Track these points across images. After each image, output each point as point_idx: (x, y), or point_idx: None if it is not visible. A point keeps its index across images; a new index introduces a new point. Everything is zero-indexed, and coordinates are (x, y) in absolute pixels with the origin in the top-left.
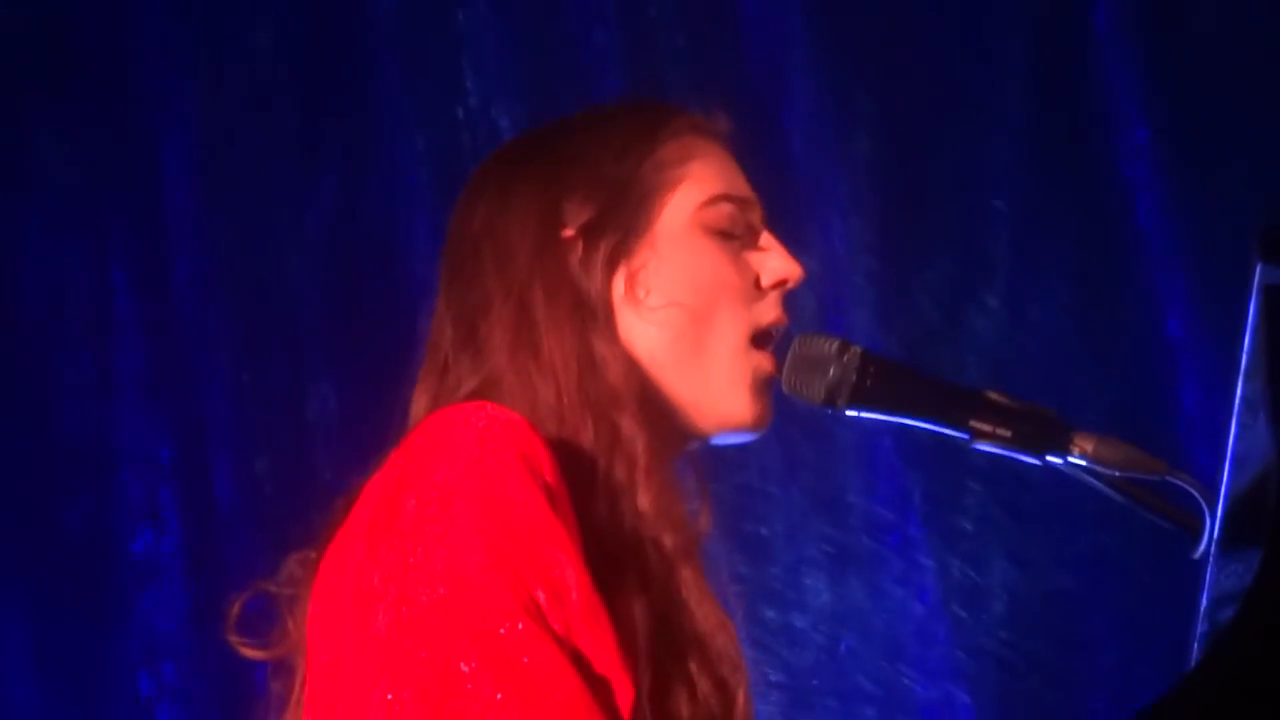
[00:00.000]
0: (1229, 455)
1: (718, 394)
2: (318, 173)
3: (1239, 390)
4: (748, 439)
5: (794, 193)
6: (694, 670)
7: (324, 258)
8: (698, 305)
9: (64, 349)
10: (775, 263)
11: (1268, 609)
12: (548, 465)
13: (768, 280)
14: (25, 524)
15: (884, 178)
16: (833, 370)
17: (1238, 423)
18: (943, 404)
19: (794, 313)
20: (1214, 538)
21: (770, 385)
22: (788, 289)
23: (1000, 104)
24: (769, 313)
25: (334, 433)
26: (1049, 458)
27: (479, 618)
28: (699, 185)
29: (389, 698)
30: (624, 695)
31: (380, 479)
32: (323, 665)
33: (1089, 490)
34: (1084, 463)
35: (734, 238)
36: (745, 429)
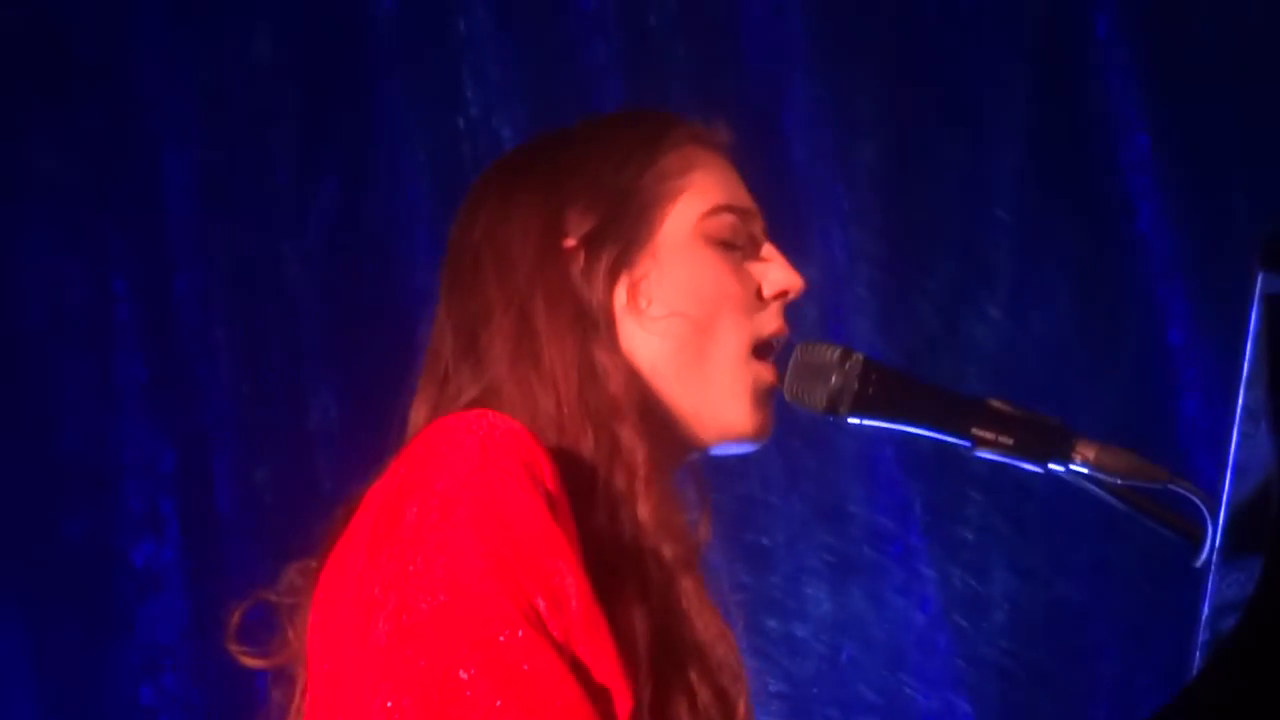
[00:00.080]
0: (1230, 463)
1: (719, 404)
2: (318, 182)
3: (1240, 398)
4: (749, 449)
5: (795, 201)
6: (694, 680)
7: (325, 267)
8: (699, 315)
9: (65, 358)
10: (777, 274)
11: (1270, 618)
12: (549, 474)
13: (769, 291)
14: (26, 534)
15: (885, 186)
16: (835, 378)
17: (1239, 431)
18: (944, 412)
19: (796, 321)
20: (1216, 546)
21: (771, 396)
22: (789, 300)
23: (1001, 113)
24: (770, 323)
25: (335, 442)
26: (1051, 466)
27: (479, 625)
28: (701, 196)
29: (389, 705)
30: (623, 705)
31: (381, 487)
32: (323, 674)
33: (1090, 499)
34: (1086, 471)
35: (736, 248)
36: (746, 439)
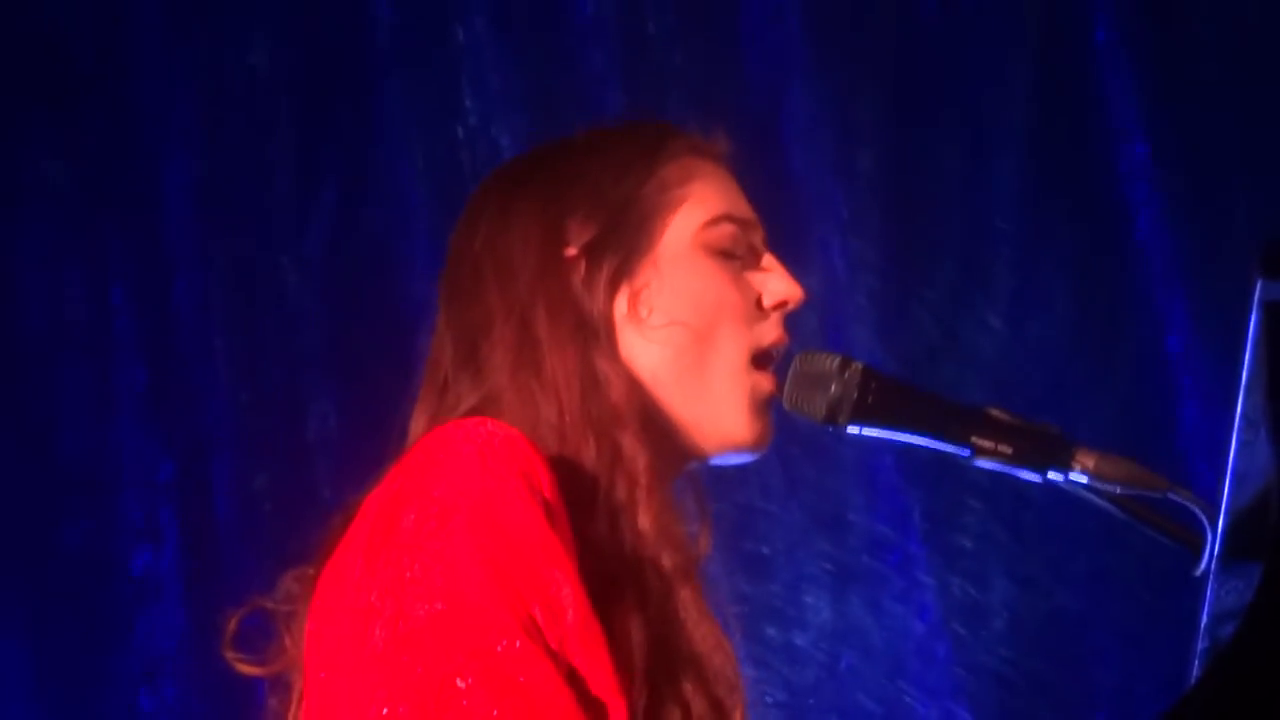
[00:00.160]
0: (1229, 471)
1: (719, 413)
2: (317, 191)
3: (1239, 406)
4: (748, 459)
5: (795, 210)
6: (689, 691)
7: (324, 276)
8: (699, 325)
9: (64, 366)
10: (777, 284)
11: (1269, 626)
12: (547, 482)
13: (769, 301)
14: (25, 542)
15: (884, 195)
16: (834, 387)
17: (1238, 439)
18: (944, 420)
19: (795, 330)
20: (1215, 554)
21: (771, 405)
22: (789, 310)
23: (1000, 121)
24: (770, 333)
25: (334, 451)
26: (1050, 474)
27: (476, 634)
28: (701, 206)
29: (385, 712)
30: (618, 715)
31: (378, 494)
32: (320, 681)
33: (1089, 507)
34: (1085, 479)
35: (735, 258)
36: (746, 449)
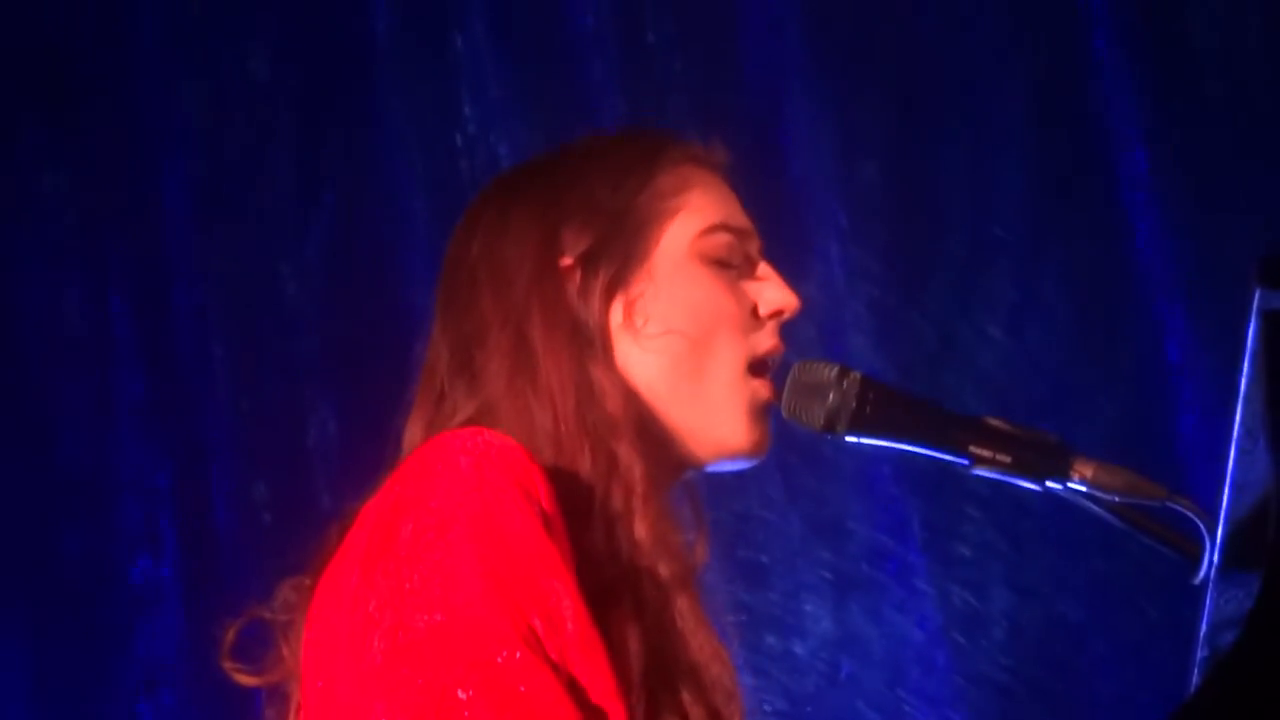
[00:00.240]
0: (1228, 480)
1: (715, 421)
2: (316, 199)
3: (1238, 415)
4: (746, 466)
5: (794, 219)
6: (687, 700)
7: (323, 284)
8: (695, 334)
9: (63, 376)
10: (772, 293)
11: (1268, 634)
12: (544, 492)
13: (765, 310)
14: (24, 550)
15: (883, 204)
16: (832, 396)
17: (1237, 448)
18: (942, 429)
19: (794, 339)
20: (1214, 563)
21: (768, 412)
22: (785, 319)
23: (1000, 131)
24: (766, 341)
25: (333, 459)
26: (1049, 483)
27: (476, 645)
28: (697, 215)
29: None
30: None
31: (375, 505)
32: (317, 691)
33: (1088, 516)
34: (1084, 488)
35: (731, 267)
36: (743, 456)
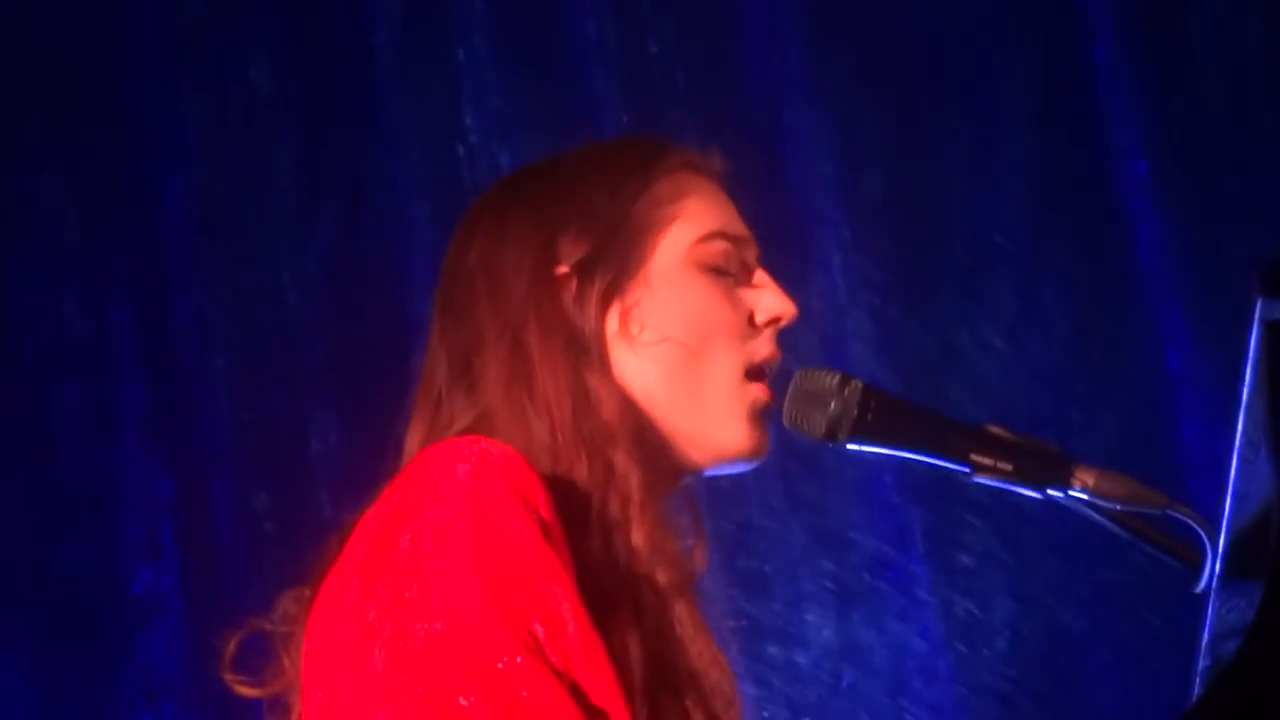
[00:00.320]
0: (1230, 489)
1: (714, 424)
2: (317, 210)
3: (1239, 424)
4: (746, 468)
5: (795, 228)
6: (688, 706)
7: (324, 295)
8: (692, 341)
9: (64, 386)
10: (769, 300)
11: (1270, 644)
12: (542, 499)
13: (762, 317)
14: (26, 561)
15: (885, 213)
16: (834, 404)
17: (1238, 456)
18: (943, 438)
19: (795, 348)
20: (1216, 572)
21: (767, 414)
22: (782, 326)
23: (1001, 139)
24: (763, 349)
25: (335, 469)
26: (1050, 491)
27: (477, 652)
28: (693, 222)
29: None
30: None
31: (374, 515)
32: (318, 702)
33: (1090, 525)
34: (1085, 496)
35: (728, 274)
36: (743, 458)
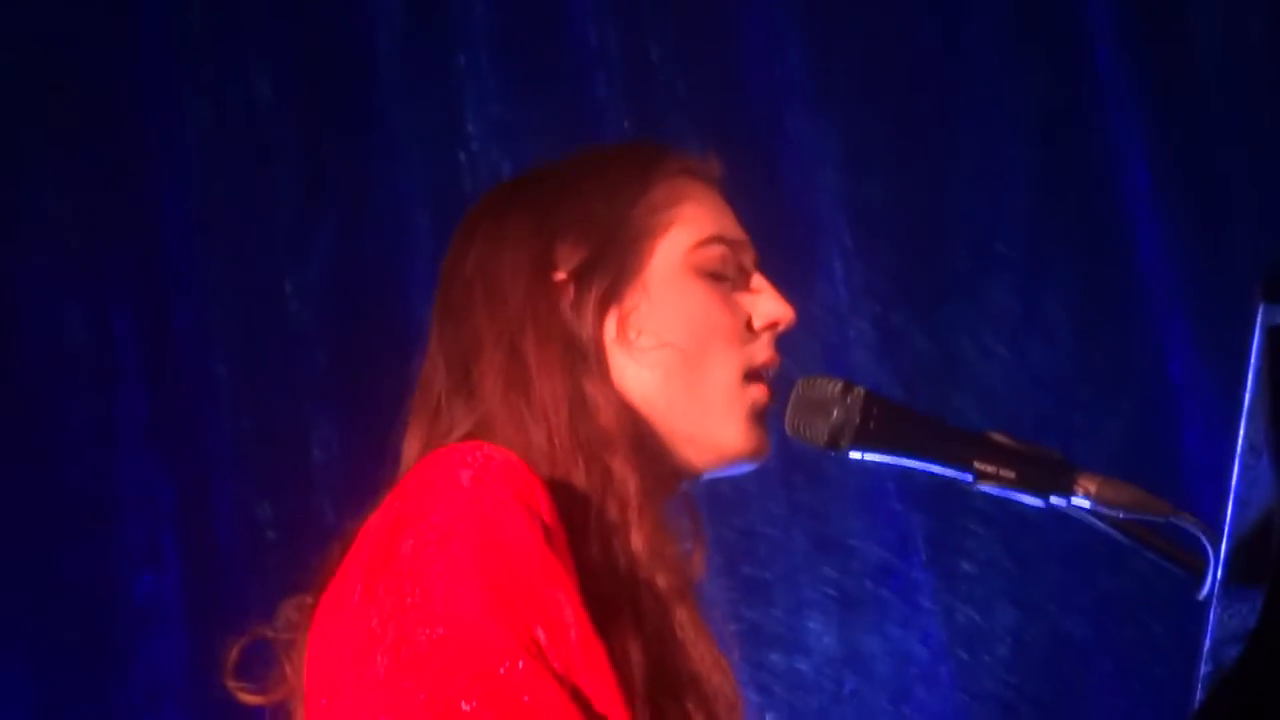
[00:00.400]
0: (1232, 496)
1: (714, 426)
2: (318, 218)
3: (1241, 430)
4: (748, 469)
5: (797, 236)
6: (690, 710)
7: (326, 301)
8: (690, 346)
9: (65, 394)
10: (767, 305)
11: (1272, 650)
12: (544, 504)
13: (760, 322)
14: (27, 569)
15: (887, 221)
16: (836, 412)
17: (1240, 463)
18: (946, 445)
19: (797, 356)
20: (1218, 579)
21: (767, 416)
22: (780, 330)
23: (1003, 147)
24: (761, 353)
25: (337, 476)
26: (1053, 499)
27: (479, 657)
28: (690, 227)
29: None
30: None
31: (376, 521)
32: (321, 709)
33: (1092, 532)
34: (1088, 504)
35: (725, 279)
36: (744, 459)
